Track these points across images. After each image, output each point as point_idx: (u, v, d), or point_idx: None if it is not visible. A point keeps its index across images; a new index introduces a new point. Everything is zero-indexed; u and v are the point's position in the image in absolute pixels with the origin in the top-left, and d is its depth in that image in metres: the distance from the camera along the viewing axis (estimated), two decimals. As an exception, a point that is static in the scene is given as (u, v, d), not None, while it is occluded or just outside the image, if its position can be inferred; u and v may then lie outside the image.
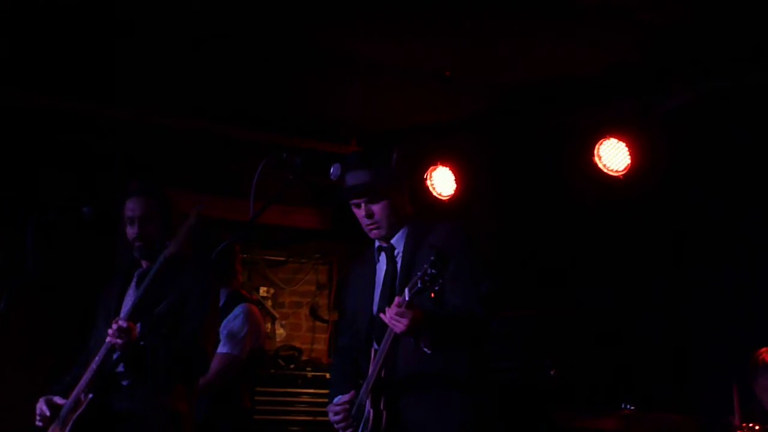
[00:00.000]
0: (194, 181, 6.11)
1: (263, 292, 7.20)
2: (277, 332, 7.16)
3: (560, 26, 4.77)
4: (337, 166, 3.35)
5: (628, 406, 4.48)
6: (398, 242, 3.40)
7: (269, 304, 7.18)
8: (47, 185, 5.85)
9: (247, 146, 6.18)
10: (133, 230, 3.81)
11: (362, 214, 3.39)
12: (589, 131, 5.55)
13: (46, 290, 5.33)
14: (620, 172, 5.41)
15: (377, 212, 3.36)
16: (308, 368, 6.32)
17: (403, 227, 3.41)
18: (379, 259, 3.47)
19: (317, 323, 7.27)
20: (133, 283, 3.83)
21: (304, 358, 6.62)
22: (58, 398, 3.72)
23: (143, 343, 3.59)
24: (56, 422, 3.67)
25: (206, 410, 4.39)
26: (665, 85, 5.31)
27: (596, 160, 5.48)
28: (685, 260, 5.45)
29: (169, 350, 3.62)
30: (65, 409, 3.65)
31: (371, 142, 6.45)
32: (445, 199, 6.37)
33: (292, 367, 6.32)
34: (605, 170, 5.47)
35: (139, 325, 3.61)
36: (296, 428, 6.10)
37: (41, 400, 3.73)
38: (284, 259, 7.21)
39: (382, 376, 3.21)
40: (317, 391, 6.13)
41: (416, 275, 3.07)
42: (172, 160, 6.14)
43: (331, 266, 7.39)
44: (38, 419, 3.71)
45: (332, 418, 3.32)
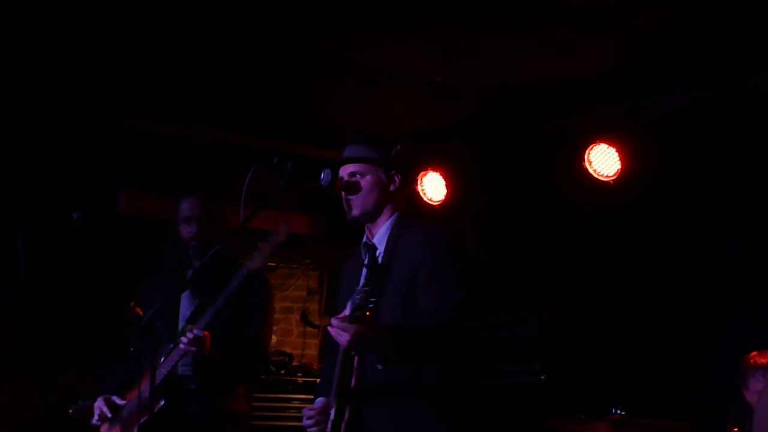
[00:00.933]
0: (184, 185, 6.07)
1: (254, 297, 7.18)
2: (268, 338, 7.16)
3: (550, 32, 4.78)
4: (327, 171, 3.27)
5: (619, 411, 4.47)
6: (380, 242, 3.29)
7: (260, 309, 7.16)
8: (39, 190, 5.82)
9: (237, 151, 6.16)
10: (190, 229, 3.80)
11: (345, 187, 3.27)
12: (579, 136, 5.57)
13: (37, 293, 5.29)
14: (610, 177, 5.44)
15: (362, 187, 3.25)
16: (299, 374, 6.32)
17: (384, 219, 3.30)
18: (365, 257, 3.32)
19: (308, 329, 7.25)
20: (188, 282, 3.77)
21: (294, 363, 6.61)
22: (116, 398, 3.67)
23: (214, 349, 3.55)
24: (117, 422, 3.61)
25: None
26: (655, 90, 5.33)
27: (587, 165, 5.51)
28: (676, 265, 5.46)
29: (236, 355, 3.64)
30: (127, 410, 3.60)
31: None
32: (435, 204, 6.37)
33: (282, 372, 6.30)
34: (595, 175, 5.49)
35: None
36: (287, 434, 6.08)
37: (100, 399, 3.66)
38: (275, 264, 7.17)
39: (351, 384, 3.10)
40: (308, 396, 6.07)
41: (356, 290, 2.99)
42: (162, 164, 6.12)
43: (321, 272, 7.38)
44: (96, 419, 3.65)
45: (304, 422, 3.24)
